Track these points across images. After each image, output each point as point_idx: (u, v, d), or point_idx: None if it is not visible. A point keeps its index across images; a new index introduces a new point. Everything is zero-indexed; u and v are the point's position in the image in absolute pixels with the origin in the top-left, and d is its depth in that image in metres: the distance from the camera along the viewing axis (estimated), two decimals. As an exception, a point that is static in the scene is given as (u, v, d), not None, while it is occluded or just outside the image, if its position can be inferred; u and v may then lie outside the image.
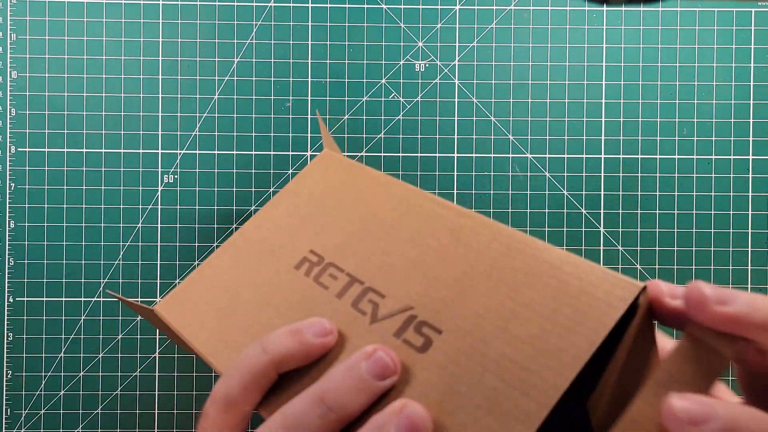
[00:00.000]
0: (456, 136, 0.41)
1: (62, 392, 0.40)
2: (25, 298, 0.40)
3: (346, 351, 0.22)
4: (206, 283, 0.27)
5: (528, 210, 0.41)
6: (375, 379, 0.19)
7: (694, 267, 0.40)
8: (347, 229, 0.26)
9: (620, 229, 0.41)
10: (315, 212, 0.28)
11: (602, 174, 0.41)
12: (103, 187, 0.40)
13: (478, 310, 0.21)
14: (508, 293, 0.21)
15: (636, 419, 0.17)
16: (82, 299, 0.40)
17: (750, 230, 0.41)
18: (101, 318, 0.40)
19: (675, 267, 0.40)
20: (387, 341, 0.21)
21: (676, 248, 0.41)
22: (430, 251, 0.24)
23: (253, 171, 0.41)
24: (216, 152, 0.41)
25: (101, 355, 0.40)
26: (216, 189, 0.41)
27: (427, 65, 0.41)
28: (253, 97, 0.41)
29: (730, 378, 0.40)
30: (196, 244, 0.40)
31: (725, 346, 0.17)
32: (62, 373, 0.40)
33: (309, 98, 0.41)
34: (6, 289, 0.40)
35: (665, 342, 0.22)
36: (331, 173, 0.29)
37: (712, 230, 0.41)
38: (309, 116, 0.41)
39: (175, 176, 0.41)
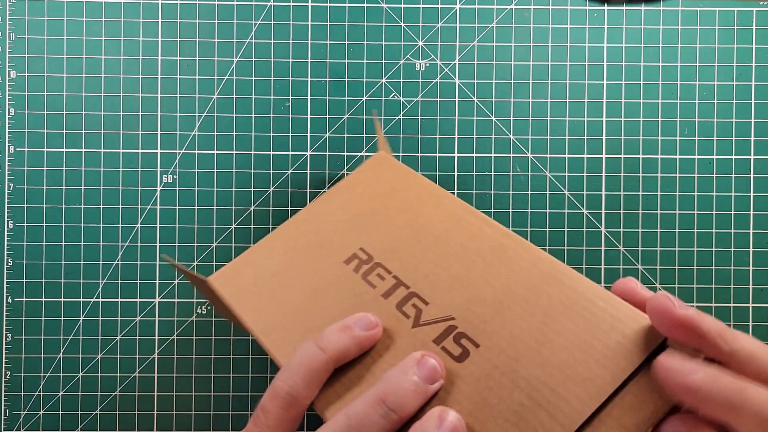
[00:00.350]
0: (456, 136, 0.41)
1: (61, 393, 0.40)
2: (24, 299, 0.40)
3: (390, 349, 0.24)
4: (258, 265, 0.29)
5: (529, 210, 0.40)
6: (427, 383, 0.21)
7: (695, 267, 0.40)
8: (396, 234, 0.28)
9: (621, 230, 0.40)
10: (366, 212, 0.29)
11: (603, 174, 0.41)
12: (102, 187, 0.40)
13: (513, 330, 0.23)
14: (544, 319, 0.22)
15: (604, 420, 0.20)
16: (81, 300, 0.40)
17: (751, 230, 0.40)
18: (100, 319, 0.40)
19: (676, 267, 0.40)
20: (427, 346, 0.23)
21: (677, 248, 0.40)
22: (474, 267, 0.25)
23: (253, 171, 0.41)
24: (215, 152, 0.41)
25: (100, 355, 0.40)
26: (215, 189, 0.41)
27: (427, 65, 0.41)
28: (253, 96, 0.41)
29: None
30: (195, 245, 0.40)
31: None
32: (61, 374, 0.40)
33: (309, 98, 0.41)
34: (5, 290, 0.40)
35: None
36: (384, 175, 0.31)
37: (714, 230, 0.40)
38: (309, 116, 0.41)
39: (174, 176, 0.41)
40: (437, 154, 0.41)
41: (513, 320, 0.23)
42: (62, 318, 0.40)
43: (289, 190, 0.41)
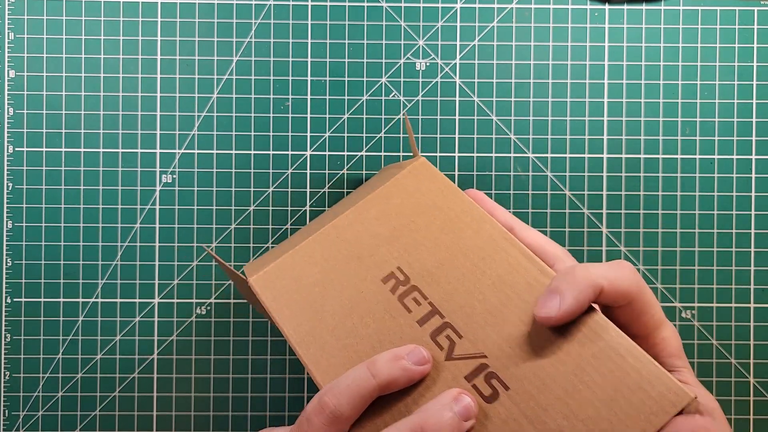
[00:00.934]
0: (457, 136, 0.41)
1: (60, 394, 0.40)
2: (23, 299, 0.40)
3: (424, 381, 0.24)
4: (297, 271, 0.29)
5: (530, 210, 0.40)
6: (462, 420, 0.22)
7: (696, 267, 0.40)
8: (435, 256, 0.28)
9: (623, 230, 0.40)
10: (405, 226, 0.29)
11: (604, 174, 0.40)
12: (101, 187, 0.40)
13: (545, 378, 0.23)
14: (575, 369, 0.23)
15: None
16: (80, 300, 0.40)
17: (753, 230, 0.40)
18: (99, 319, 0.40)
19: (678, 267, 0.40)
20: (459, 382, 0.24)
21: (678, 249, 0.40)
22: (509, 303, 0.25)
23: (252, 171, 0.41)
24: (215, 152, 0.40)
25: (99, 356, 0.40)
26: (215, 189, 0.40)
27: (427, 64, 0.41)
28: (252, 96, 0.41)
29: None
30: (195, 245, 0.40)
31: None
32: (60, 375, 0.40)
33: (308, 97, 0.41)
34: (3, 290, 0.40)
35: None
36: (424, 187, 0.30)
37: (715, 231, 0.40)
38: (308, 115, 0.41)
39: (174, 176, 0.40)
40: (437, 154, 0.41)
41: (544, 367, 0.23)
42: (61, 318, 0.40)
43: (289, 189, 0.41)
